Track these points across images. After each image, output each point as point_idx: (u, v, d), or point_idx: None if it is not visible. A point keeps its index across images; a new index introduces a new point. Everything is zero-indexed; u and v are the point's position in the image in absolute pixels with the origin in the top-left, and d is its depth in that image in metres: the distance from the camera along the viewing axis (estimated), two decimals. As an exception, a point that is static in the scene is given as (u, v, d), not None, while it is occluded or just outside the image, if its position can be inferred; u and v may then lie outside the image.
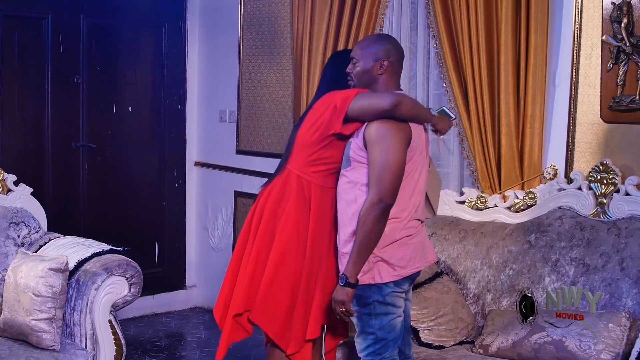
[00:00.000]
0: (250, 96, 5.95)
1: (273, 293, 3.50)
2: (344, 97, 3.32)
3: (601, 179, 3.98)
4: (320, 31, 5.05)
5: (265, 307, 3.52)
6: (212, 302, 6.29)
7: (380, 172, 3.19)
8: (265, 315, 3.53)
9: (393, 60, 3.38)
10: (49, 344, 3.82)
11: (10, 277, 4.00)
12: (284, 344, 3.55)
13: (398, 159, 3.20)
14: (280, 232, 3.52)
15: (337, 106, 3.31)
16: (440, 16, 4.47)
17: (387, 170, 3.19)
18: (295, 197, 3.51)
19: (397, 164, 3.20)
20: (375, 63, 3.36)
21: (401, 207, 3.29)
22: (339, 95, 3.35)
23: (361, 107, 3.26)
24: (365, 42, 3.51)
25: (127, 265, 4.05)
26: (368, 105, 3.25)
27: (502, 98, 4.25)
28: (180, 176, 6.45)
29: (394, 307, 3.36)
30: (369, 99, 3.26)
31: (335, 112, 3.33)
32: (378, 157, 3.20)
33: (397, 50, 3.43)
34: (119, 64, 6.09)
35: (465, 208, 4.45)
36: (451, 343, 3.96)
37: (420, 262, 3.40)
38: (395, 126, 3.22)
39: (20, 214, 4.50)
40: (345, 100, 3.30)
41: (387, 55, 3.36)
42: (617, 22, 3.93)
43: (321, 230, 3.52)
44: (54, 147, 5.68)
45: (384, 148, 3.20)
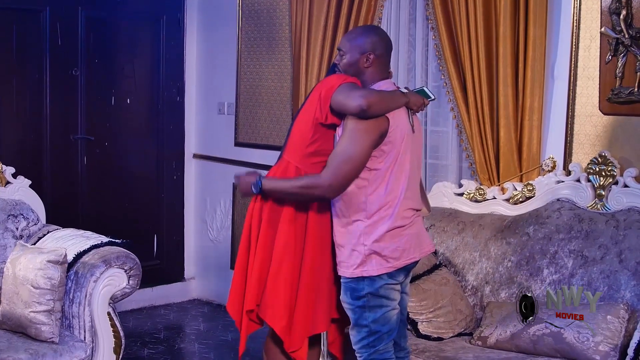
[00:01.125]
0: (249, 88, 5.95)
1: (275, 288, 3.50)
2: (329, 87, 3.34)
3: (600, 171, 3.98)
4: (318, 23, 5.05)
5: (269, 303, 3.51)
6: (211, 294, 6.38)
7: (340, 162, 3.24)
8: (270, 311, 3.52)
9: (380, 53, 3.39)
10: (48, 336, 3.82)
11: (8, 270, 4.00)
12: (287, 340, 3.52)
13: (361, 153, 3.24)
14: (281, 227, 3.51)
15: (322, 96, 3.35)
16: (439, 8, 4.47)
17: (347, 161, 3.24)
18: None
19: (358, 158, 3.24)
20: (361, 56, 3.38)
21: (395, 197, 3.30)
22: (325, 85, 3.37)
23: (338, 102, 3.30)
24: (352, 35, 3.52)
25: (126, 257, 4.05)
26: (343, 103, 3.29)
27: (501, 90, 4.25)
28: (178, 168, 6.45)
29: (387, 300, 3.36)
30: (344, 97, 3.29)
31: (320, 101, 3.36)
32: (343, 146, 3.25)
33: (383, 42, 3.44)
34: (117, 57, 6.07)
35: (463, 200, 4.46)
36: (450, 335, 3.96)
37: (416, 253, 3.40)
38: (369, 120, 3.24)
39: (18, 206, 4.50)
40: (329, 91, 3.33)
41: (373, 48, 3.38)
42: (615, 14, 3.93)
43: (322, 221, 3.50)
44: (53, 139, 5.68)
45: (352, 138, 3.24)
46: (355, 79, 3.38)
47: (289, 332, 3.51)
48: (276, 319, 3.49)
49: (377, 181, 3.29)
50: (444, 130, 4.69)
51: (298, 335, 3.51)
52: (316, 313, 3.52)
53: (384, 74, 3.44)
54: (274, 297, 3.48)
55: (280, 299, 3.48)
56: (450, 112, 4.56)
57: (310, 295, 3.51)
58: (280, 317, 3.48)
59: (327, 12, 5.00)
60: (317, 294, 3.51)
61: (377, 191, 3.29)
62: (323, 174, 3.28)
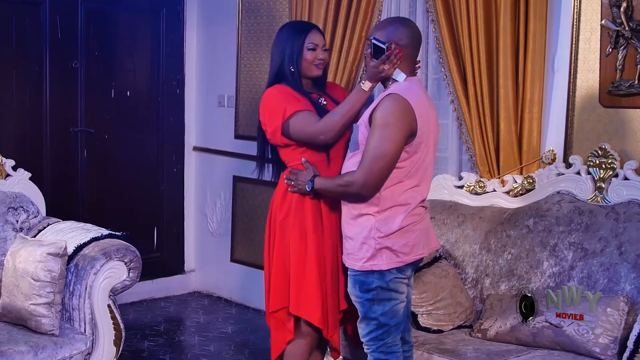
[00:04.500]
0: (249, 81, 5.94)
1: (306, 283, 3.57)
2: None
3: (600, 163, 3.98)
4: (318, 16, 5.03)
5: (301, 297, 3.58)
6: (211, 287, 6.39)
7: (373, 158, 3.20)
8: (303, 305, 3.59)
9: (404, 44, 3.32)
10: (48, 328, 3.83)
11: (9, 262, 4.00)
12: (325, 327, 3.60)
13: (394, 150, 3.20)
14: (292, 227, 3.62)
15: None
16: (439, 1, 4.45)
17: (380, 157, 3.20)
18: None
19: (391, 154, 3.20)
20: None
21: (410, 194, 3.30)
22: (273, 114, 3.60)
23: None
24: (381, 24, 3.49)
25: (126, 249, 4.05)
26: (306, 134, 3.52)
27: (501, 83, 4.24)
28: (178, 161, 6.45)
29: (396, 293, 3.36)
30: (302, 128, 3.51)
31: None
32: (376, 143, 3.20)
33: (411, 33, 3.36)
34: (117, 49, 6.07)
35: (463, 192, 4.45)
36: (449, 327, 3.97)
37: (424, 249, 3.41)
38: (400, 115, 3.20)
39: (18, 199, 4.50)
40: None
41: (398, 38, 3.31)
42: (616, 6, 3.92)
43: (334, 207, 3.57)
44: (53, 132, 5.67)
45: (384, 135, 3.19)
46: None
47: (325, 320, 3.59)
48: (311, 312, 3.57)
49: (395, 179, 3.28)
50: (444, 122, 4.68)
51: (332, 321, 3.60)
52: (339, 294, 3.62)
53: (411, 66, 3.38)
54: (304, 291, 3.57)
55: (311, 291, 3.56)
56: (450, 105, 4.56)
57: (335, 280, 3.60)
58: (314, 310, 3.56)
59: (327, 5, 4.99)
60: (338, 276, 3.61)
61: (391, 188, 3.28)
62: (357, 171, 3.25)
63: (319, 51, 3.64)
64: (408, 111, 3.21)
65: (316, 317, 3.56)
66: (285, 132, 3.54)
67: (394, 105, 3.21)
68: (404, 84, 3.32)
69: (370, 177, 3.21)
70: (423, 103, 3.30)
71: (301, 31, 3.65)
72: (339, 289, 3.61)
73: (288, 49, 3.62)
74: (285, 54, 3.63)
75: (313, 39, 3.63)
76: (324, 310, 3.57)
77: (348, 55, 4.91)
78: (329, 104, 3.68)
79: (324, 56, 3.66)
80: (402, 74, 3.33)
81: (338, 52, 4.94)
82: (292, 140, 3.56)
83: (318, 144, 3.54)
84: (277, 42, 3.69)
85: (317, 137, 3.50)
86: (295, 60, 3.62)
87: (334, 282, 3.59)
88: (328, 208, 3.58)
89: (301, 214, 3.58)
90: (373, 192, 3.26)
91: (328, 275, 3.58)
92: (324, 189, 3.45)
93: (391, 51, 3.28)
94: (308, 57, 3.61)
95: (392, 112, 3.20)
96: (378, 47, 3.31)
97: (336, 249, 3.58)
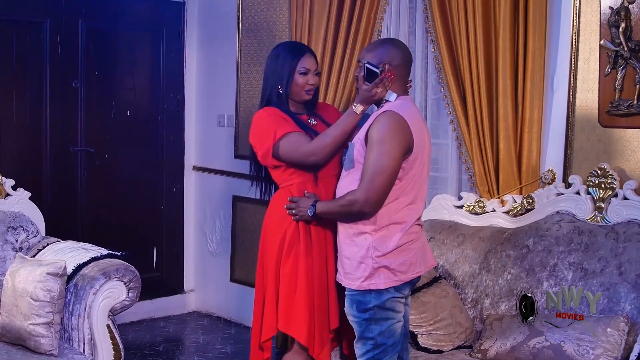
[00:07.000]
0: (249, 100, 5.95)
1: (295, 302, 3.57)
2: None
3: (599, 183, 3.98)
4: (318, 36, 5.05)
5: (291, 315, 3.58)
6: (211, 307, 6.37)
7: (373, 174, 3.21)
8: (292, 323, 3.58)
9: (397, 64, 3.36)
10: (47, 348, 3.82)
11: (8, 282, 4.00)
12: (311, 346, 3.59)
13: (393, 164, 3.22)
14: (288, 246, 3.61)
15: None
16: (439, 21, 4.47)
17: (380, 172, 3.21)
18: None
19: (391, 169, 3.21)
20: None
21: (406, 212, 3.30)
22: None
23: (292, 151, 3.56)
24: (371, 46, 3.52)
25: (126, 269, 4.05)
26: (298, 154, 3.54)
27: (501, 102, 4.25)
28: (178, 180, 6.45)
29: (393, 312, 3.36)
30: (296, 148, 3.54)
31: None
32: (374, 158, 3.22)
33: (402, 53, 3.41)
34: (117, 68, 6.09)
35: (463, 212, 4.45)
36: (449, 348, 3.95)
37: (421, 267, 3.41)
38: (397, 131, 3.22)
39: (18, 218, 4.50)
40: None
41: (390, 59, 3.35)
42: (615, 26, 3.94)
43: (323, 226, 3.58)
44: (52, 151, 5.68)
45: (383, 151, 3.21)
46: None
47: (312, 340, 3.58)
48: (298, 329, 3.56)
49: (391, 197, 3.28)
50: (444, 142, 4.69)
51: (319, 340, 3.60)
52: (331, 311, 3.61)
53: (402, 86, 3.42)
54: (295, 312, 3.56)
55: (300, 309, 3.55)
56: (449, 125, 4.56)
57: (324, 297, 3.59)
58: (301, 327, 3.56)
59: (327, 25, 5.00)
60: (331, 293, 3.60)
61: (387, 205, 3.29)
62: (358, 189, 3.26)
63: (311, 76, 3.65)
64: (404, 127, 3.24)
65: (303, 336, 3.56)
66: (275, 154, 3.56)
67: (390, 122, 3.24)
68: (398, 101, 3.35)
69: (372, 193, 3.22)
70: (417, 120, 3.35)
71: (294, 54, 3.66)
72: (329, 309, 3.60)
73: (279, 70, 3.64)
74: (276, 75, 3.64)
75: (305, 63, 3.64)
76: (311, 329, 3.56)
77: (348, 76, 4.92)
78: (319, 125, 3.69)
79: (315, 81, 3.67)
80: (394, 94, 3.37)
81: (338, 72, 4.96)
82: (282, 162, 3.57)
83: (308, 165, 3.55)
84: (269, 62, 3.70)
85: (307, 159, 3.52)
86: (285, 82, 3.63)
87: (321, 301, 3.59)
88: (317, 227, 3.58)
89: (292, 234, 3.58)
90: (376, 208, 3.26)
91: (316, 294, 3.57)
92: (327, 212, 3.45)
93: (384, 75, 3.31)
94: (299, 82, 3.63)
95: (388, 128, 3.22)
96: (371, 70, 3.33)
97: (325, 268, 3.58)
